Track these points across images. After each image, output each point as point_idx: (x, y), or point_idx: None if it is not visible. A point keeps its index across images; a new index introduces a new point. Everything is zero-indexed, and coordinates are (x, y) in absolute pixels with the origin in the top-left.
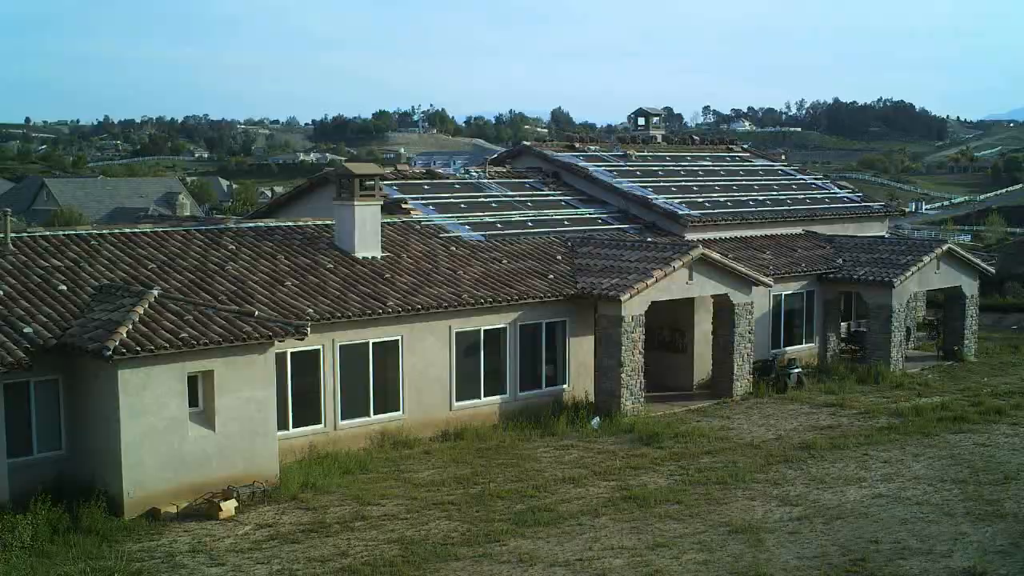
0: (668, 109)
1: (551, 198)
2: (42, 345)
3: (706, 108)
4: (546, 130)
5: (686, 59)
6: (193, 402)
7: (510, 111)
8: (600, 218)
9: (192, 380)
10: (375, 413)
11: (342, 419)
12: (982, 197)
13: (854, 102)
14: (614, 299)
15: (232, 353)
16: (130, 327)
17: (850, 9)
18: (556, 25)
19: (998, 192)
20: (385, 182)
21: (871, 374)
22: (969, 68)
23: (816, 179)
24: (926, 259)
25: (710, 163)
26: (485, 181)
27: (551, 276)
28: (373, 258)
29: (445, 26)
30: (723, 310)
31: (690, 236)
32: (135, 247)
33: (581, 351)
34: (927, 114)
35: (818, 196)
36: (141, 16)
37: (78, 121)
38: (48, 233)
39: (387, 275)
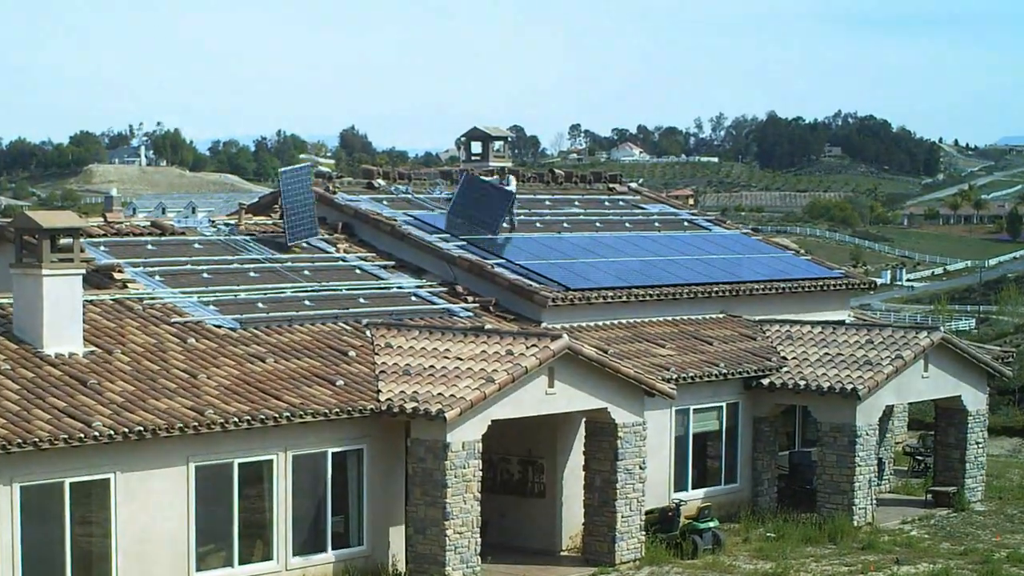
0: (518, 130)
1: (341, 263)
2: None
3: (575, 128)
4: (333, 161)
5: (542, 58)
6: None
7: (279, 133)
8: (415, 294)
9: None
10: None
11: None
12: (992, 262)
13: (798, 119)
14: (436, 417)
15: None
16: None
17: None
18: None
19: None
20: (89, 240)
21: (825, 529)
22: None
23: (743, 234)
24: (908, 356)
25: (582, 210)
26: (241, 238)
27: (340, 382)
28: (71, 355)
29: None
30: (601, 434)
31: (551, 322)
32: None
33: (386, 496)
34: (910, 136)
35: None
36: None
37: None
38: None
39: (92, 381)
